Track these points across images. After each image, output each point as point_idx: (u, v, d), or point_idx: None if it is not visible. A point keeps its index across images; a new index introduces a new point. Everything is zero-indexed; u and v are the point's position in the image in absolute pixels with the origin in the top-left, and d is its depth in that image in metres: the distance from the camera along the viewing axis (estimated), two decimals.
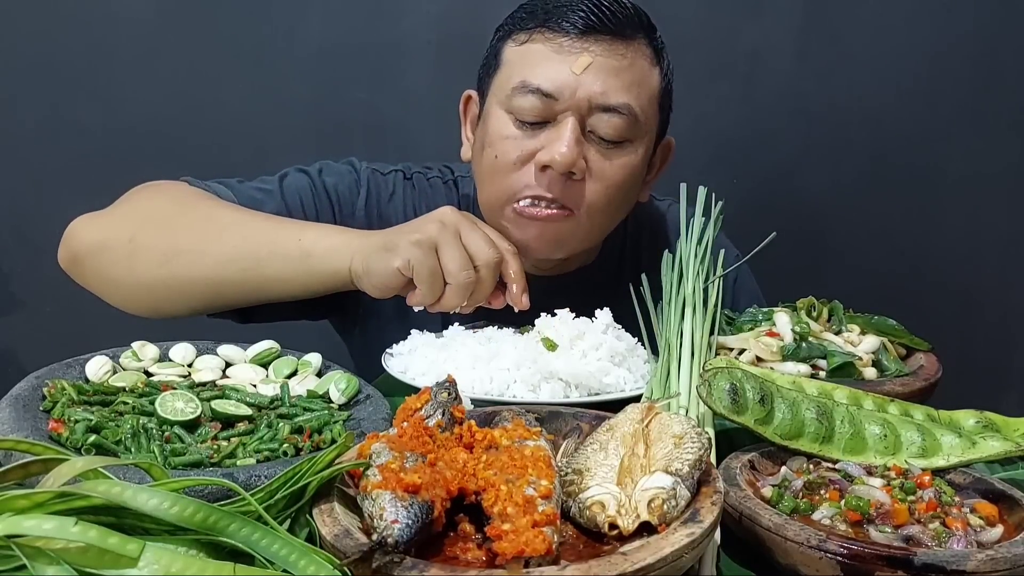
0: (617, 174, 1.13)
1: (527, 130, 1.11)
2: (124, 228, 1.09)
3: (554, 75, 1.09)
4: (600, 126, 1.10)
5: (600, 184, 1.13)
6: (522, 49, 1.13)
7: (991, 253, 2.03)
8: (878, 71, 1.94)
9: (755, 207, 1.73)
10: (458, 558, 0.59)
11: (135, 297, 1.10)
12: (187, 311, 1.11)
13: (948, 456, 0.80)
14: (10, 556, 0.50)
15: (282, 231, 1.08)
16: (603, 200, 1.14)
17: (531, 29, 1.13)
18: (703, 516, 0.61)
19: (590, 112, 1.10)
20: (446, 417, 0.71)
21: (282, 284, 1.07)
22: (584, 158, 1.10)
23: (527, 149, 1.11)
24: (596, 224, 1.18)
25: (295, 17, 1.91)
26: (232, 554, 0.55)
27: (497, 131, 1.13)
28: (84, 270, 1.11)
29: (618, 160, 1.13)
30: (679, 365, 0.95)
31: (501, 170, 1.13)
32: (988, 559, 0.62)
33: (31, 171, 1.96)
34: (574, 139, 1.08)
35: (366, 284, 1.02)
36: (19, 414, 0.77)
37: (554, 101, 1.09)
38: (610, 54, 1.10)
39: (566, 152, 1.07)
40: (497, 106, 1.14)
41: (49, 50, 1.91)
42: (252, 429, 0.82)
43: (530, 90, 1.09)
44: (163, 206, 1.12)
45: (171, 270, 1.06)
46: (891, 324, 1.09)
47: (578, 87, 1.08)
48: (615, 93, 1.09)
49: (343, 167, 1.30)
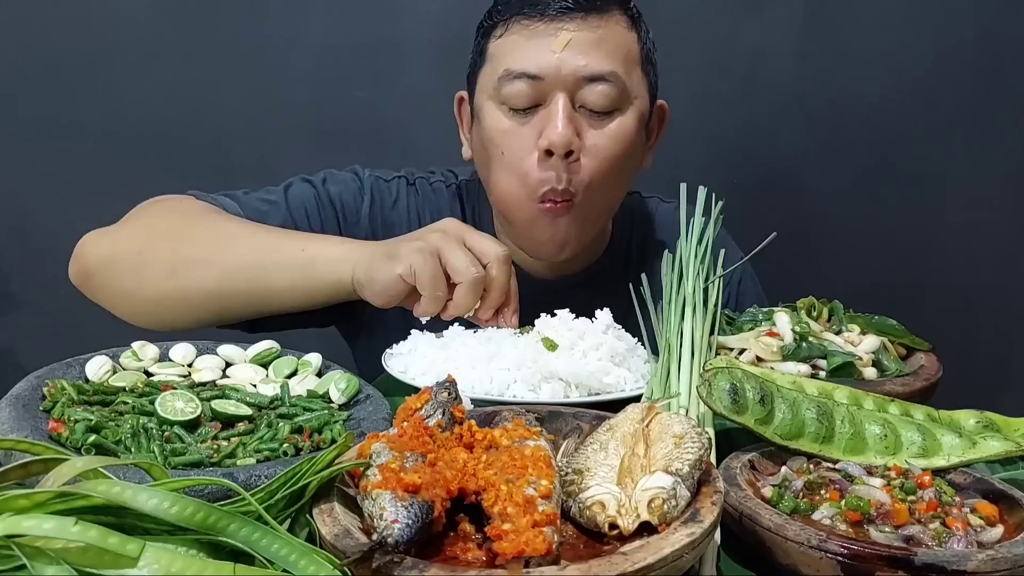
0: (612, 146, 1.15)
1: (521, 117, 1.14)
2: (132, 242, 1.11)
3: (536, 57, 1.12)
4: (589, 97, 1.12)
5: (596, 160, 1.14)
6: (502, 41, 1.16)
7: (991, 253, 2.03)
8: (878, 71, 1.94)
9: (755, 207, 1.73)
10: (458, 558, 0.59)
11: (144, 310, 1.12)
12: (195, 323, 1.12)
13: (948, 456, 0.80)
14: (10, 556, 0.50)
15: (286, 242, 1.10)
16: (601, 177, 1.15)
17: (508, 20, 1.15)
18: (703, 516, 0.61)
19: (577, 86, 1.12)
20: (446, 417, 0.71)
21: (286, 294, 1.08)
22: (579, 134, 1.12)
23: (527, 137, 1.13)
24: (594, 203, 1.18)
25: (295, 17, 1.91)
26: (232, 554, 0.54)
27: (493, 126, 1.16)
28: (95, 285, 1.13)
29: (611, 130, 1.15)
30: (679, 365, 0.94)
31: (512, 164, 1.15)
32: (988, 559, 0.62)
33: (31, 171, 1.96)
34: (566, 116, 1.11)
35: (368, 293, 1.02)
36: (19, 414, 0.77)
37: (541, 82, 1.12)
38: (587, 28, 1.12)
39: (561, 131, 1.10)
40: (488, 101, 1.17)
41: (49, 50, 1.91)
42: (252, 429, 0.82)
43: (516, 76, 1.12)
44: (170, 220, 1.14)
45: (178, 282, 1.07)
46: (891, 324, 1.09)
47: (561, 64, 1.11)
48: (598, 62, 1.12)
49: (346, 175, 1.31)
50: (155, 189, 1.20)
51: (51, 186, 1.96)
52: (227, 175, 1.28)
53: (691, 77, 1.83)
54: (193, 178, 1.22)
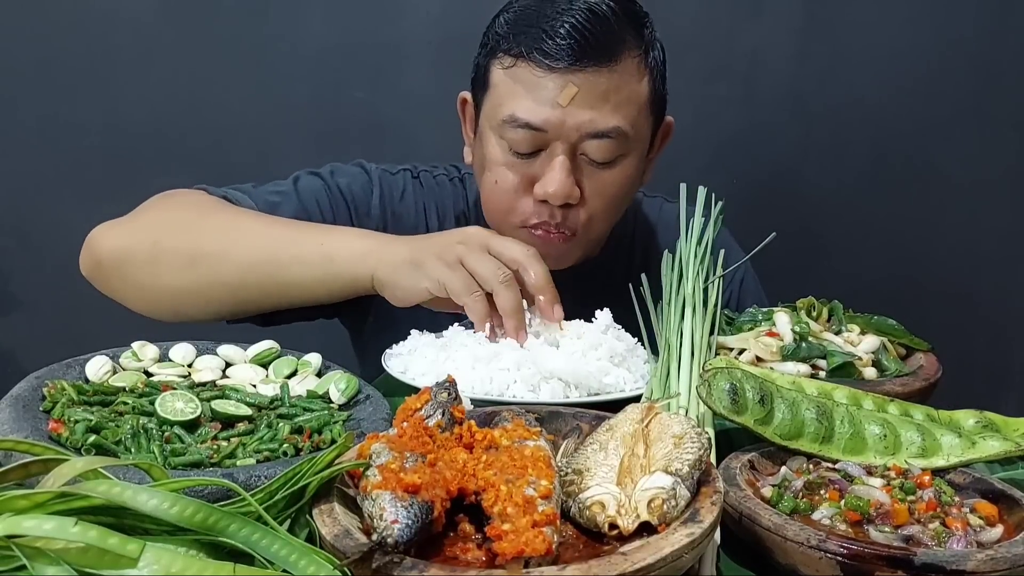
0: (613, 188, 1.17)
1: (521, 158, 1.14)
2: (147, 234, 1.09)
3: (540, 109, 1.10)
4: (591, 150, 1.12)
5: (598, 203, 1.16)
6: (507, 76, 1.13)
7: (991, 253, 2.03)
8: (878, 71, 1.94)
9: (755, 207, 1.73)
10: (458, 558, 0.59)
11: (159, 302, 1.10)
12: (211, 315, 1.11)
13: (948, 456, 0.80)
14: (10, 556, 0.50)
15: (303, 235, 1.08)
16: (602, 215, 1.18)
17: (516, 56, 1.12)
18: (703, 516, 0.61)
19: (580, 140, 1.11)
20: (446, 417, 0.71)
21: (304, 288, 1.07)
22: (579, 182, 1.13)
23: (524, 176, 1.14)
24: (598, 234, 1.22)
25: (295, 17, 1.91)
26: (232, 554, 0.55)
27: (493, 157, 1.16)
28: (107, 277, 1.12)
29: (613, 176, 1.16)
30: (679, 365, 0.95)
31: (503, 195, 1.16)
32: (988, 559, 0.62)
33: (31, 171, 1.96)
34: (565, 173, 1.11)
35: (389, 294, 1.02)
36: (19, 414, 0.77)
37: (544, 133, 1.11)
38: (595, 80, 1.10)
39: (558, 188, 1.11)
40: (490, 131, 1.16)
41: (49, 50, 1.91)
42: (252, 429, 0.82)
43: (519, 125, 1.11)
44: (184, 212, 1.12)
45: (196, 274, 1.06)
46: (891, 324, 1.09)
47: (566, 118, 1.10)
48: (603, 119, 1.11)
49: (353, 168, 1.31)
50: (155, 189, 1.20)
51: (51, 186, 1.96)
52: (227, 175, 1.27)
53: (691, 77, 1.83)
54: (193, 178, 1.22)
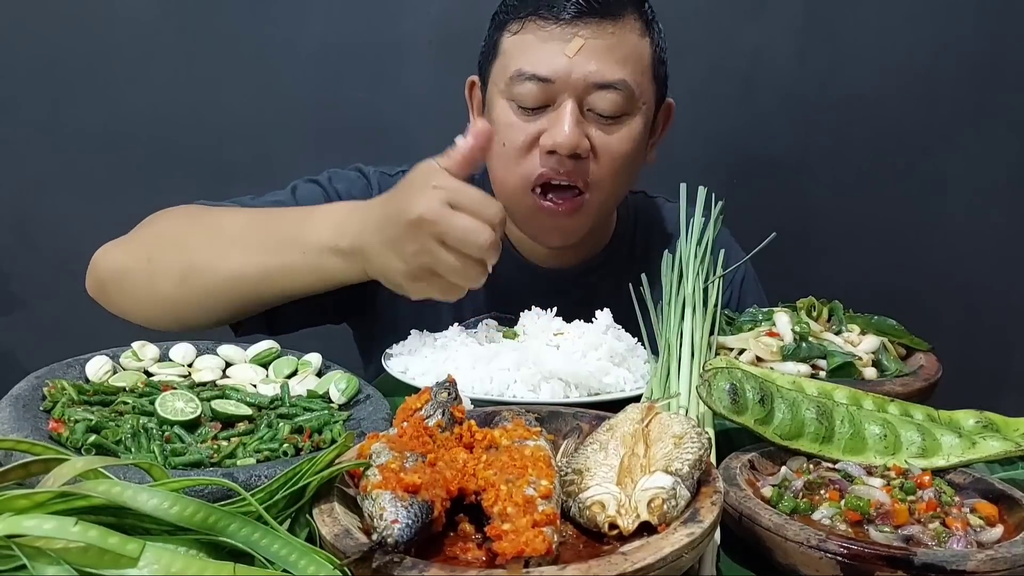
0: (620, 148, 1.18)
1: (529, 115, 1.16)
2: (142, 251, 1.12)
3: (549, 60, 1.13)
4: (598, 103, 1.15)
5: (605, 160, 1.17)
6: (516, 38, 1.17)
7: (991, 253, 2.03)
8: (878, 71, 1.94)
9: (755, 207, 1.73)
10: (458, 558, 0.59)
11: (162, 315, 1.13)
12: (214, 322, 1.13)
13: (948, 456, 0.80)
14: (10, 556, 0.50)
15: (285, 245, 1.05)
16: (609, 176, 1.19)
17: (523, 18, 1.17)
18: (703, 516, 0.61)
19: (587, 91, 1.14)
20: (446, 417, 0.71)
21: (298, 293, 1.08)
22: (587, 136, 1.15)
23: (531, 133, 1.16)
24: (603, 200, 1.22)
25: (295, 17, 1.91)
26: (232, 554, 0.55)
27: (501, 119, 1.18)
28: (110, 295, 1.14)
29: (619, 134, 1.17)
30: (679, 365, 0.95)
31: (511, 156, 1.18)
32: (988, 559, 0.62)
33: (31, 171, 1.96)
34: (573, 121, 1.13)
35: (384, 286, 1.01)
36: (19, 414, 0.77)
37: (551, 85, 1.14)
38: (600, 34, 1.14)
39: (567, 134, 1.12)
40: (498, 95, 1.19)
41: (49, 50, 1.91)
42: (252, 429, 0.82)
43: (527, 77, 1.14)
44: (175, 226, 1.15)
45: (188, 287, 1.08)
46: (891, 324, 1.09)
47: (573, 69, 1.13)
48: (609, 70, 1.14)
49: (351, 173, 1.31)
50: (155, 189, 1.21)
51: (51, 186, 1.95)
52: (227, 175, 1.27)
53: (691, 77, 1.83)
54: (193, 178, 1.22)
